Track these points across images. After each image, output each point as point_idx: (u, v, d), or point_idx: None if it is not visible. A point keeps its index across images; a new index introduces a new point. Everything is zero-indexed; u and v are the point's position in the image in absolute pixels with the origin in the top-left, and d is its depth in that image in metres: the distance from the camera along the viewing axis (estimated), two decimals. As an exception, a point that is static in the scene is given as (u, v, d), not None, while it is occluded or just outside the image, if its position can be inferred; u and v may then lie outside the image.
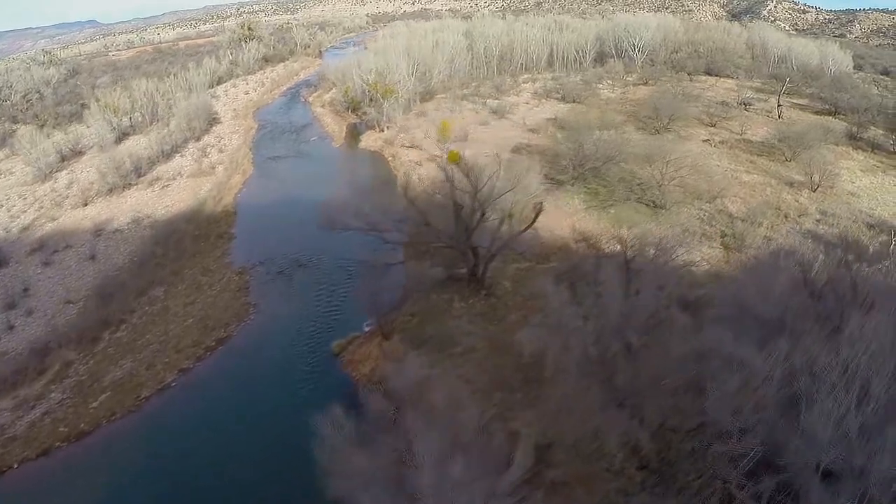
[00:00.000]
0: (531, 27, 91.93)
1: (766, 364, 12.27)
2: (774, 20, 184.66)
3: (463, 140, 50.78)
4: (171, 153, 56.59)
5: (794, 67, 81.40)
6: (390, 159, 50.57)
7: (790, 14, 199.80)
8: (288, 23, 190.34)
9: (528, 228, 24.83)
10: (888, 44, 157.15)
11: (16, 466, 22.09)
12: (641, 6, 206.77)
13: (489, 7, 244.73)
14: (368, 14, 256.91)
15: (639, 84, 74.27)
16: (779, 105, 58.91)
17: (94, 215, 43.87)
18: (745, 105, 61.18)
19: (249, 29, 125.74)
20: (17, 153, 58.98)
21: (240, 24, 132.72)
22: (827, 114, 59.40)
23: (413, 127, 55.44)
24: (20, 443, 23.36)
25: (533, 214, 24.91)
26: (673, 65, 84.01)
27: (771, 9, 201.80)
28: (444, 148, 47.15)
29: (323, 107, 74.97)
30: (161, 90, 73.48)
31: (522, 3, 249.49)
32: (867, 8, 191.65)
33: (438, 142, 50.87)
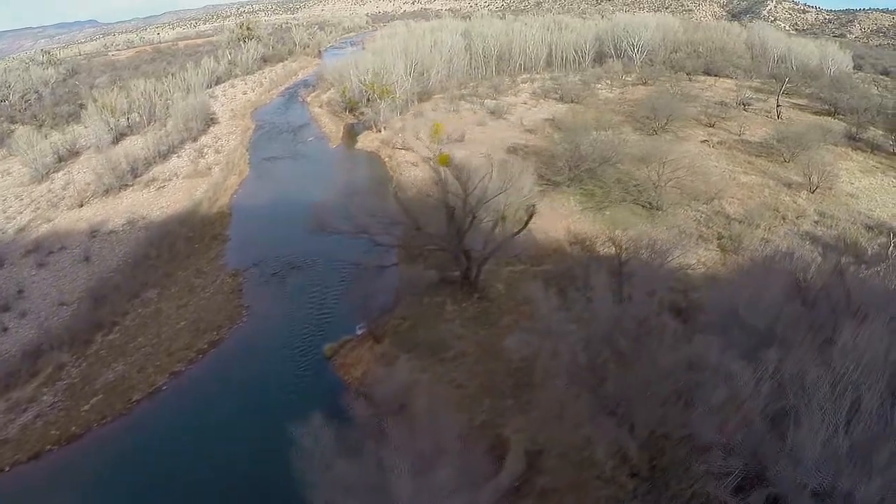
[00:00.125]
0: (530, 27, 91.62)
1: (754, 377, 11.96)
2: (774, 20, 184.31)
3: (460, 140, 50.55)
4: (168, 154, 56.43)
5: (794, 67, 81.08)
6: (387, 160, 50.32)
7: (790, 14, 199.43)
8: (287, 22, 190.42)
9: (521, 231, 24.64)
10: (888, 44, 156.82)
11: (7, 470, 21.93)
12: (641, 6, 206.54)
13: (489, 7, 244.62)
14: (368, 14, 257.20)
15: (637, 84, 73.98)
16: (778, 105, 58.63)
17: (90, 216, 43.74)
18: (744, 105, 60.88)
19: (248, 29, 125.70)
20: (15, 154, 58.83)
21: (238, 24, 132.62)
22: (826, 114, 59.09)
23: (410, 127, 55.21)
24: (11, 446, 23.21)
25: (526, 217, 24.75)
26: (672, 65, 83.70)
27: (771, 8, 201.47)
28: (436, 150, 46.82)
29: (320, 107, 74.75)
30: (159, 90, 73.26)
31: (522, 3, 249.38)
32: (867, 8, 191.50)
33: (430, 143, 50.52)
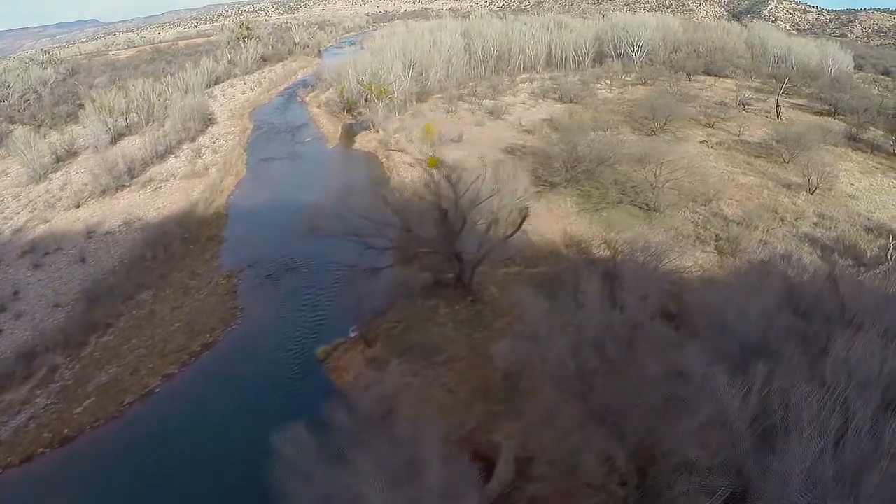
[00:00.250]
0: (529, 27, 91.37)
1: (741, 391, 11.62)
2: (775, 20, 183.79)
3: (457, 141, 50.36)
4: (166, 154, 56.26)
5: (794, 67, 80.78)
6: (384, 160, 50.15)
7: (791, 14, 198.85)
8: (287, 22, 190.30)
9: (514, 234, 24.45)
10: (889, 43, 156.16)
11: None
12: (642, 5, 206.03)
13: (490, 6, 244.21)
14: (368, 13, 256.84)
15: (637, 84, 73.71)
16: (777, 105, 58.36)
17: (86, 217, 43.61)
18: (744, 105, 60.62)
19: (248, 28, 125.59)
20: (13, 154, 58.74)
21: (238, 24, 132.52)
22: (826, 114, 58.79)
23: (407, 128, 55.03)
24: (4, 448, 23.10)
25: (519, 219, 24.55)
26: (672, 65, 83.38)
27: (772, 8, 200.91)
28: (427, 152, 46.54)
29: (319, 107, 74.56)
30: (157, 90, 73.13)
31: (523, 3, 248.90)
32: (868, 7, 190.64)
33: (423, 144, 50.14)
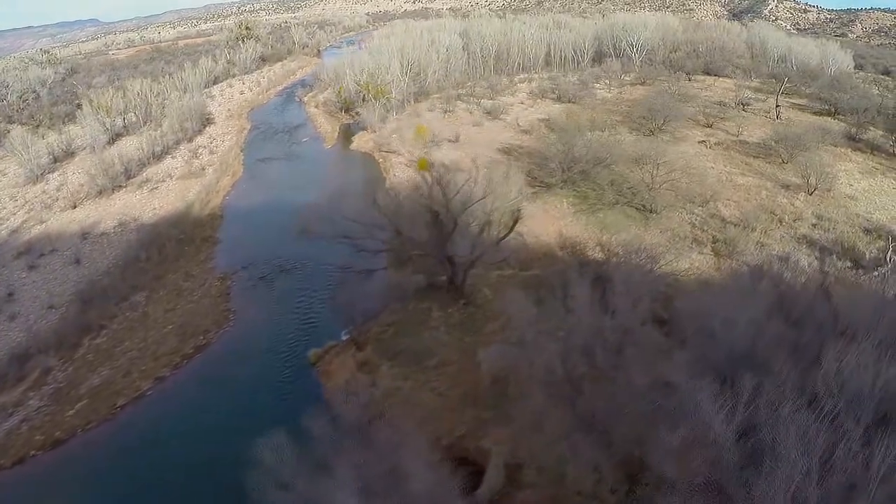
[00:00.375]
0: (528, 26, 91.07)
1: (726, 406, 11.23)
2: (776, 19, 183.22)
3: (454, 141, 50.18)
4: (163, 154, 56.10)
5: (794, 67, 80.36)
6: (381, 161, 49.98)
7: (791, 13, 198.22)
8: (286, 22, 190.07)
9: (506, 237, 24.25)
10: (889, 43, 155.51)
11: (-8, 474, 21.84)
12: (642, 5, 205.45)
13: (490, 6, 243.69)
14: (368, 13, 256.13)
15: (636, 84, 73.37)
16: (777, 105, 57.97)
17: (82, 218, 43.49)
18: (743, 105, 60.20)
19: (247, 28, 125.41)
20: (11, 154, 58.64)
21: (237, 24, 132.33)
22: (826, 114, 58.39)
23: (404, 128, 54.83)
24: (-3, 451, 23.07)
25: (511, 222, 24.34)
26: (671, 64, 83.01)
27: (772, 8, 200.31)
28: (418, 154, 46.24)
29: (317, 107, 74.39)
30: (155, 90, 72.95)
31: (523, 2, 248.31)
32: (868, 7, 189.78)
33: (415, 146, 49.83)
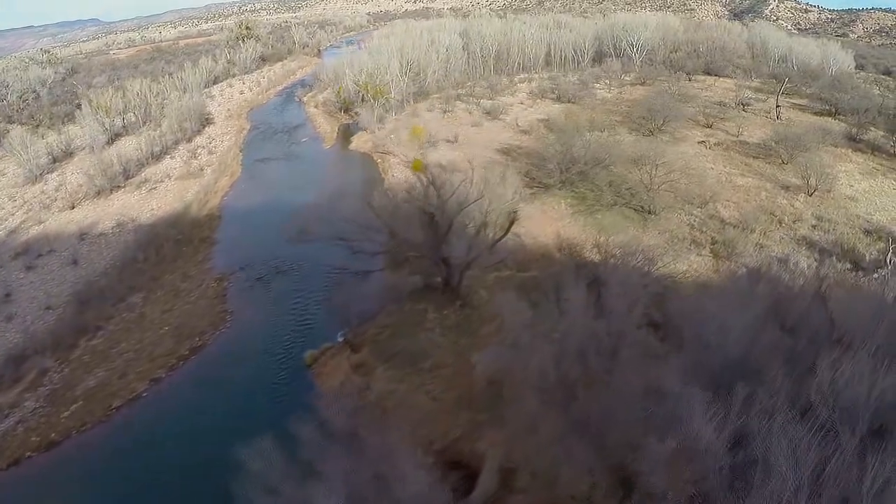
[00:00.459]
0: (529, 26, 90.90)
1: (717, 416, 11.05)
2: (777, 19, 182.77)
3: (452, 142, 50.06)
4: (161, 155, 56.06)
5: (795, 67, 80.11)
6: (379, 161, 49.87)
7: (792, 13, 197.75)
8: (287, 21, 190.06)
9: (502, 238, 24.11)
10: (890, 43, 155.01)
11: (-13, 476, 21.79)
12: (643, 5, 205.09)
13: (491, 6, 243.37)
14: (370, 13, 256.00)
15: (636, 84, 73.17)
16: (777, 106, 57.76)
17: (80, 219, 43.44)
18: (743, 105, 59.99)
19: (247, 28, 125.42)
20: (11, 154, 58.63)
21: (238, 24, 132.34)
22: (827, 114, 58.16)
23: (403, 128, 54.71)
24: (-8, 452, 23.02)
25: (507, 223, 24.21)
26: (671, 64, 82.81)
27: (773, 8, 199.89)
28: (413, 155, 46.07)
29: (316, 107, 74.29)
30: (155, 90, 72.94)
31: (524, 2, 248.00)
32: (870, 7, 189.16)
33: (410, 147, 49.64)
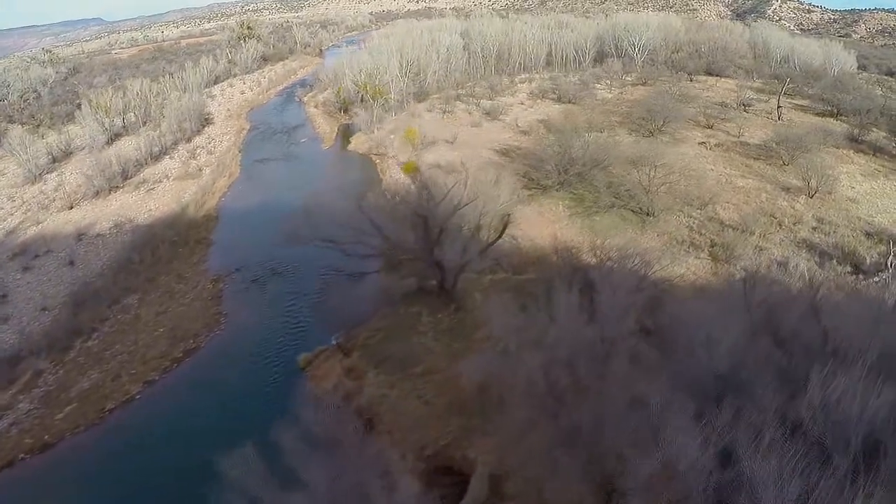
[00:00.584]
0: (530, 26, 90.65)
1: (702, 434, 10.67)
2: (779, 20, 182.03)
3: (451, 142, 49.88)
4: (161, 155, 56.03)
5: (797, 67, 79.68)
6: (378, 162, 49.79)
7: (795, 13, 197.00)
8: (288, 21, 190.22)
9: (496, 241, 23.93)
10: (893, 44, 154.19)
11: (-19, 478, 21.75)
12: (646, 5, 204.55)
13: (493, 5, 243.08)
14: (372, 12, 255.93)
15: (637, 84, 72.84)
16: (779, 106, 57.43)
17: (78, 219, 43.41)
18: (745, 106, 59.65)
19: (248, 28, 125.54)
20: (11, 154, 58.69)
21: (239, 23, 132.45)
22: (829, 115, 57.81)
23: (401, 129, 54.52)
24: (-14, 453, 22.97)
25: (501, 226, 24.04)
26: (673, 65, 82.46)
27: (776, 8, 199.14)
28: (408, 157, 45.92)
29: (316, 107, 74.20)
30: (155, 90, 72.95)
31: (526, 2, 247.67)
32: (873, 8, 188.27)
33: (405, 149, 49.46)
